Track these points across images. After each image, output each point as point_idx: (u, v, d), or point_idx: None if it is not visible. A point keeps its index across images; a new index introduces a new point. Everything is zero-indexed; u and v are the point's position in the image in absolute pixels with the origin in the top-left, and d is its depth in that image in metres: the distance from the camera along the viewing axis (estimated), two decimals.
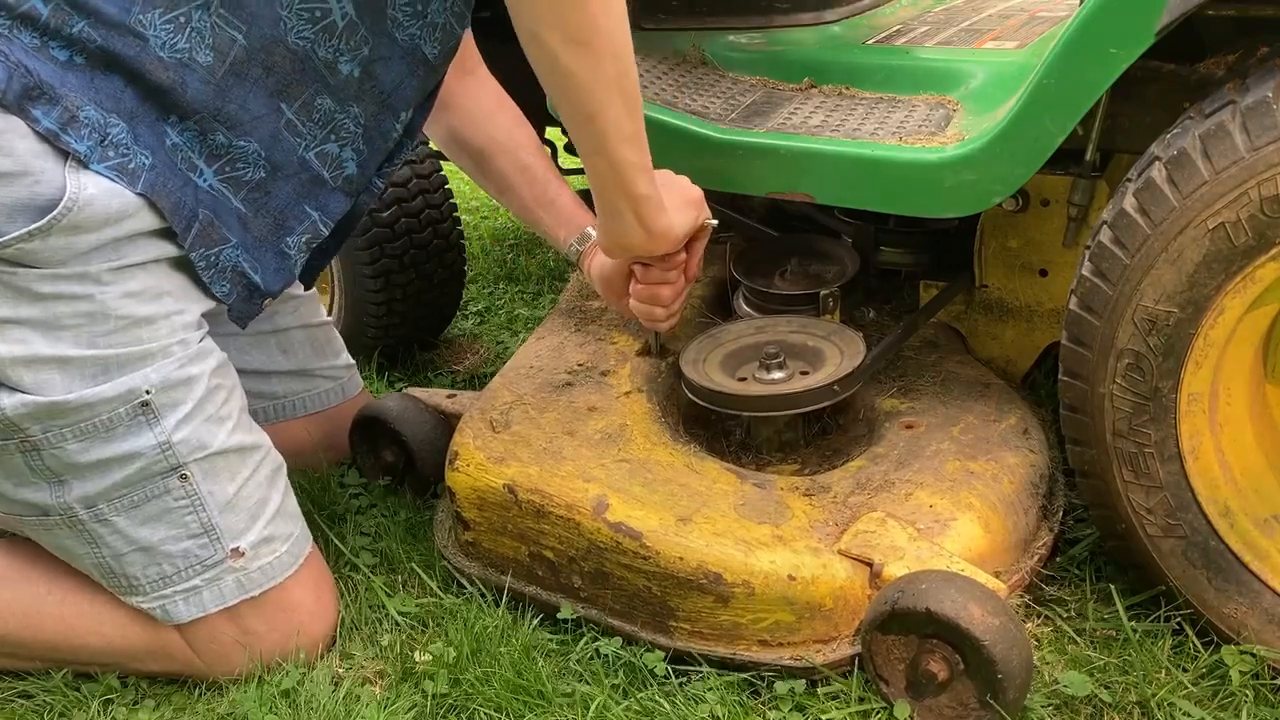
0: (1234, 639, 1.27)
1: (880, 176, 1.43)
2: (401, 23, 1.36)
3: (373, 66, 1.36)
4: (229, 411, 1.36)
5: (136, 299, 1.28)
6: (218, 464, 1.34)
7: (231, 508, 1.34)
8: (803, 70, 1.73)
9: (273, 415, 1.74)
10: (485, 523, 1.44)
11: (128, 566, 1.34)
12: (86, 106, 1.23)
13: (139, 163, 1.26)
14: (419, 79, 1.42)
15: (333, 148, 1.38)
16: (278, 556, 1.38)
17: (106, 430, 1.28)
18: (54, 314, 1.25)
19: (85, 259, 1.25)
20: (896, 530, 1.30)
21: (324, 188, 1.41)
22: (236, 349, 1.65)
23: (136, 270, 1.28)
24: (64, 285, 1.25)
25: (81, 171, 1.23)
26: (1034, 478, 1.43)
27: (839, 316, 1.63)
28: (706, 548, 1.29)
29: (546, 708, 1.28)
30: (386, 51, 1.36)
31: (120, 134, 1.25)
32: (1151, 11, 1.19)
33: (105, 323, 1.27)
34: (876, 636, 1.22)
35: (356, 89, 1.37)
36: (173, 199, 1.28)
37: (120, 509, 1.32)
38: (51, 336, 1.26)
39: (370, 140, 1.42)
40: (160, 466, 1.31)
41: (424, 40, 1.39)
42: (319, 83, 1.34)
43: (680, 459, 1.43)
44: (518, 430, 1.48)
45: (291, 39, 1.30)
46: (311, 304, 1.77)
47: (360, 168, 1.43)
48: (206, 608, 1.35)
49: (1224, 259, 1.16)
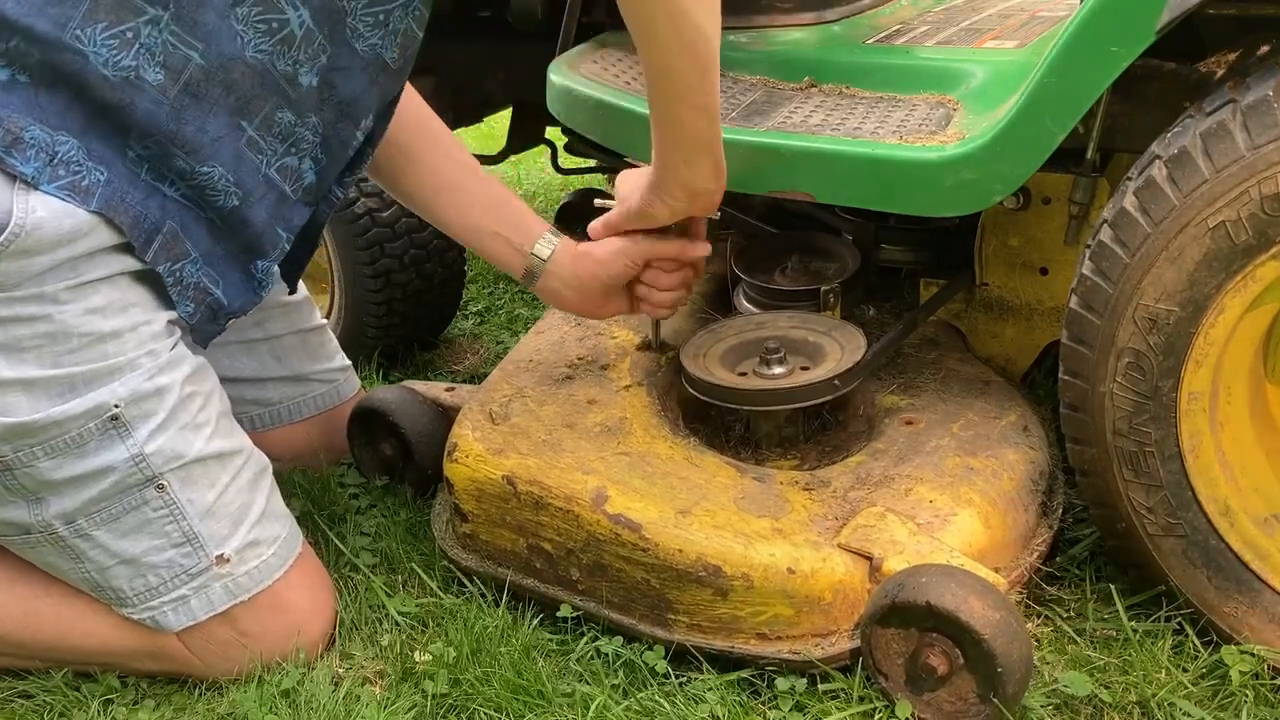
0: (1234, 639, 1.27)
1: (881, 176, 1.43)
2: (362, 33, 1.33)
3: (331, 76, 1.34)
4: (206, 418, 1.34)
5: (100, 314, 1.26)
6: (195, 472, 1.32)
7: (212, 514, 1.33)
8: (803, 69, 1.73)
9: (269, 421, 1.73)
10: (483, 514, 1.44)
11: (113, 580, 1.33)
12: (31, 127, 1.20)
13: (93, 179, 1.23)
14: (380, 87, 1.39)
15: (291, 160, 1.36)
16: (264, 560, 1.37)
17: (78, 446, 1.27)
18: (13, 337, 1.24)
19: (39, 280, 1.23)
20: (896, 525, 1.30)
21: (287, 203, 1.39)
22: (229, 357, 1.64)
23: (100, 285, 1.26)
24: (20, 308, 1.23)
25: (30, 193, 1.20)
26: (1034, 474, 1.43)
27: (839, 313, 1.63)
28: (706, 540, 1.29)
29: (546, 708, 1.28)
30: (345, 61, 1.34)
31: (70, 150, 1.22)
32: (1152, 10, 1.19)
33: (67, 341, 1.25)
34: (876, 630, 1.22)
35: (316, 100, 1.34)
36: (132, 213, 1.26)
37: (99, 523, 1.31)
38: (13, 359, 1.24)
39: (329, 149, 1.40)
40: (135, 479, 1.29)
41: (385, 47, 1.36)
42: (279, 96, 1.31)
43: (680, 452, 1.43)
44: (517, 422, 1.48)
45: (250, 53, 1.27)
46: (304, 309, 1.75)
47: (319, 176, 1.41)
48: (196, 616, 1.35)
49: (1224, 258, 1.16)
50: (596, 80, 1.69)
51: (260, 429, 1.71)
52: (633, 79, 1.72)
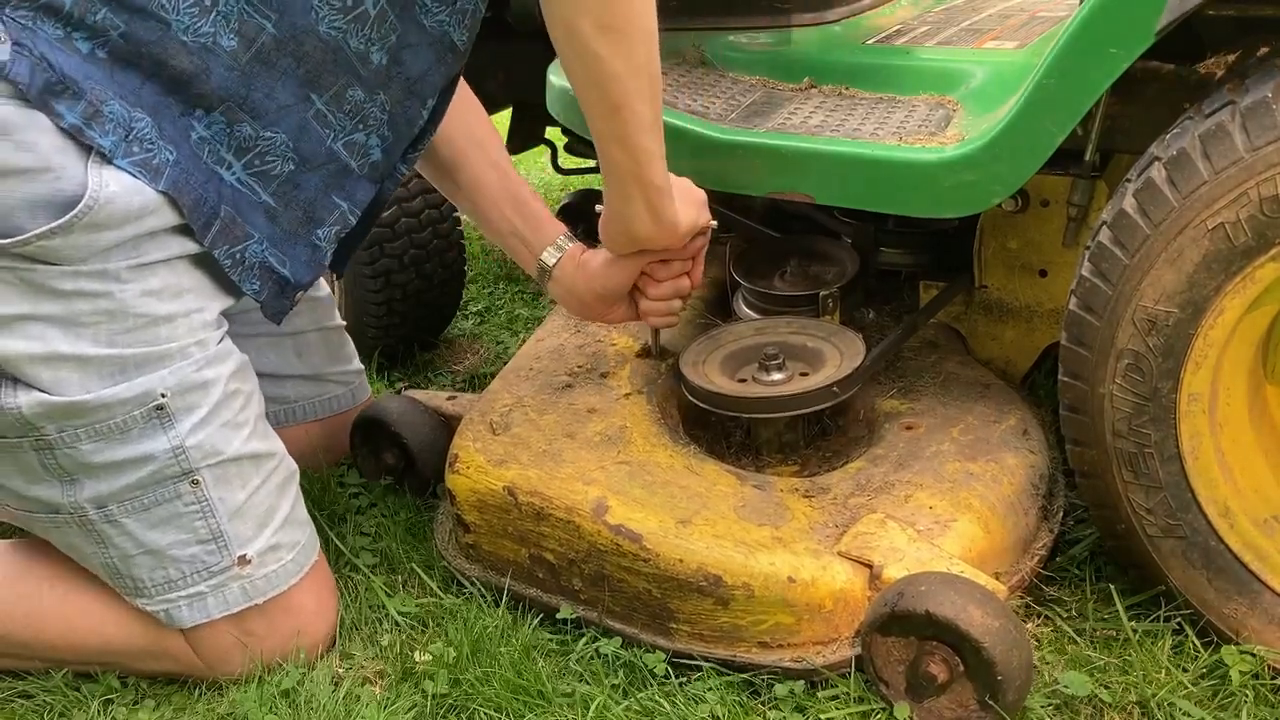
0: (1234, 639, 1.27)
1: (880, 177, 1.43)
2: (430, 9, 1.35)
3: (401, 54, 1.35)
4: (246, 418, 1.35)
5: (156, 297, 1.28)
6: (230, 470, 1.33)
7: (240, 515, 1.34)
8: (803, 70, 1.73)
9: (284, 419, 1.73)
10: (485, 525, 1.44)
11: (134, 569, 1.34)
12: (111, 101, 1.22)
13: (163, 158, 1.25)
14: (446, 65, 1.41)
15: (360, 136, 1.37)
16: (283, 564, 1.38)
17: (121, 432, 1.28)
18: (73, 311, 1.25)
19: (105, 256, 1.24)
20: (896, 532, 1.30)
21: (351, 176, 1.40)
22: (255, 350, 1.64)
23: (157, 267, 1.28)
24: (84, 282, 1.24)
25: (104, 168, 1.22)
26: (1034, 478, 1.43)
27: (839, 317, 1.63)
28: (706, 550, 1.29)
29: (546, 708, 1.28)
30: (414, 38, 1.35)
31: (145, 129, 1.24)
32: (1151, 11, 1.19)
33: (124, 320, 1.26)
34: (876, 638, 1.22)
35: (385, 77, 1.36)
36: (194, 195, 1.27)
37: (130, 511, 1.31)
38: (71, 334, 1.25)
39: (395, 126, 1.41)
40: (173, 471, 1.30)
41: (453, 27, 1.38)
42: (351, 74, 1.33)
43: (680, 461, 1.43)
44: (517, 432, 1.48)
45: (324, 29, 1.29)
46: (327, 307, 1.76)
47: (385, 153, 1.42)
48: (211, 614, 1.35)
49: (1223, 259, 1.16)
50: None
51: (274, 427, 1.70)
52: None
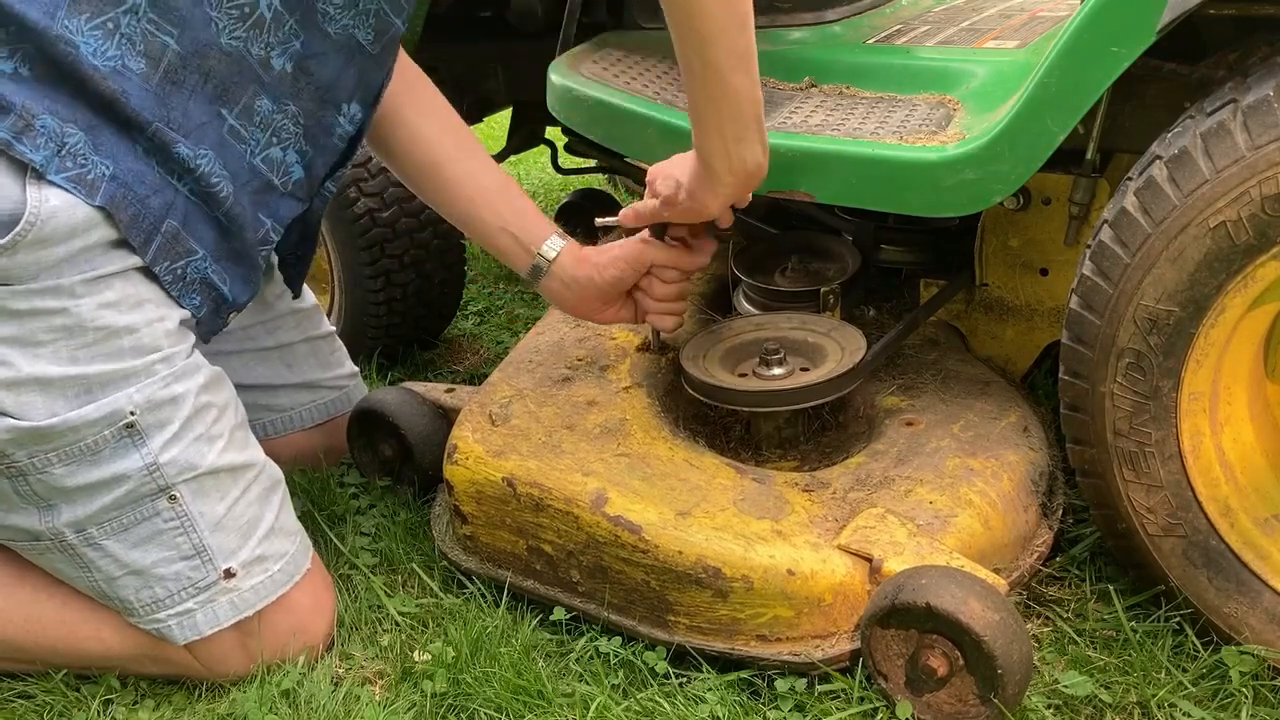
0: (1234, 639, 1.27)
1: (881, 176, 1.43)
2: (333, 15, 1.34)
3: (307, 63, 1.35)
4: (220, 430, 1.34)
5: (114, 309, 1.26)
6: (207, 484, 1.32)
7: (222, 527, 1.33)
8: (803, 69, 1.73)
9: (281, 428, 1.73)
10: (483, 516, 1.44)
11: (120, 590, 1.33)
12: (43, 115, 1.20)
13: (98, 173, 1.23)
14: (358, 69, 1.40)
15: (276, 152, 1.37)
16: (270, 575, 1.37)
17: (93, 453, 1.27)
18: (30, 330, 1.23)
19: (56, 271, 1.23)
20: (896, 526, 1.30)
21: (275, 194, 1.39)
22: (243, 365, 1.65)
23: (112, 279, 1.26)
24: (38, 300, 1.23)
25: (42, 184, 1.21)
26: (1033, 475, 1.43)
27: (839, 314, 1.63)
28: (706, 542, 1.29)
29: (546, 708, 1.28)
30: (319, 47, 1.35)
31: (78, 143, 1.22)
32: (1152, 10, 1.19)
33: (82, 335, 1.25)
34: (876, 631, 1.22)
35: (291, 86, 1.35)
36: (132, 211, 1.26)
37: (110, 532, 1.30)
38: (29, 354, 1.24)
39: (313, 139, 1.40)
40: (148, 488, 1.29)
41: (357, 28, 1.37)
42: (255, 83, 1.32)
43: (680, 454, 1.43)
44: (517, 424, 1.48)
45: (225, 40, 1.28)
46: (314, 316, 1.75)
47: (307, 170, 1.42)
48: (201, 631, 1.34)
49: (1225, 258, 1.16)
50: (596, 80, 1.69)
51: (272, 436, 1.71)
52: (633, 79, 1.72)
